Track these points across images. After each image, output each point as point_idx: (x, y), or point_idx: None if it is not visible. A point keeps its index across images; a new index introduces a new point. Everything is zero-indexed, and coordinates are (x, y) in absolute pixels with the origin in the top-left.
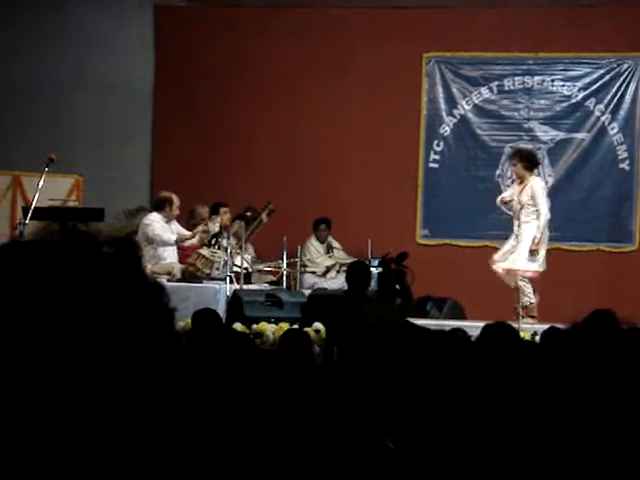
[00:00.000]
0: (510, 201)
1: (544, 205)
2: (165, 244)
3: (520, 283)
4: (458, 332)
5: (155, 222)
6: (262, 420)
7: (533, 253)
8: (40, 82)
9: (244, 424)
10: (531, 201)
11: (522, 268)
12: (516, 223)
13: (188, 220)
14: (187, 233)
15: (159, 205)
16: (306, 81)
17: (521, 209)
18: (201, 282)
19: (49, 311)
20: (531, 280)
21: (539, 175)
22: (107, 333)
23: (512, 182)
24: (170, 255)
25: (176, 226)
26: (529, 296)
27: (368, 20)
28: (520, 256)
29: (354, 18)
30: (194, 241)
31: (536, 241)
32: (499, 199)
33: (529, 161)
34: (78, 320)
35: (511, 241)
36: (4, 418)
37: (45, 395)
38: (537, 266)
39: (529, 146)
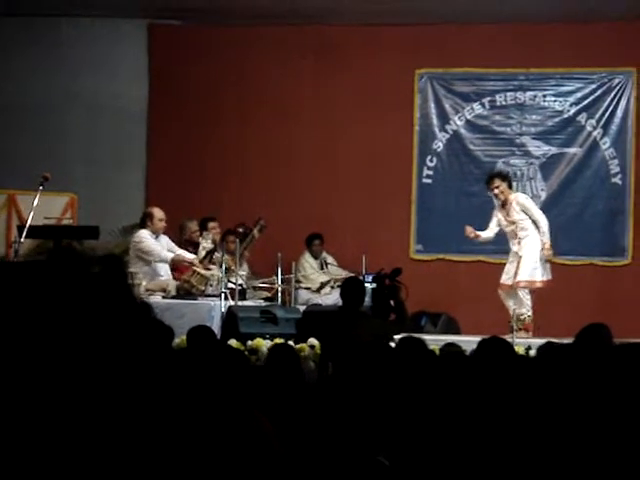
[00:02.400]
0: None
1: (540, 212)
2: (161, 261)
3: (520, 294)
4: (452, 347)
5: (145, 239)
6: (256, 435)
7: (547, 261)
8: (34, 101)
9: (237, 438)
10: (522, 215)
11: (526, 279)
12: (514, 242)
13: (180, 236)
14: (180, 252)
15: (142, 222)
16: (299, 97)
17: (515, 228)
18: (196, 299)
19: (33, 331)
20: (532, 292)
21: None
22: (92, 353)
23: (493, 210)
24: (165, 271)
25: (167, 241)
26: (527, 308)
27: (360, 36)
28: (522, 269)
29: (347, 34)
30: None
31: (547, 246)
32: (474, 234)
33: (508, 179)
34: (62, 341)
35: (511, 260)
36: None
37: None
38: (541, 275)
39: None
